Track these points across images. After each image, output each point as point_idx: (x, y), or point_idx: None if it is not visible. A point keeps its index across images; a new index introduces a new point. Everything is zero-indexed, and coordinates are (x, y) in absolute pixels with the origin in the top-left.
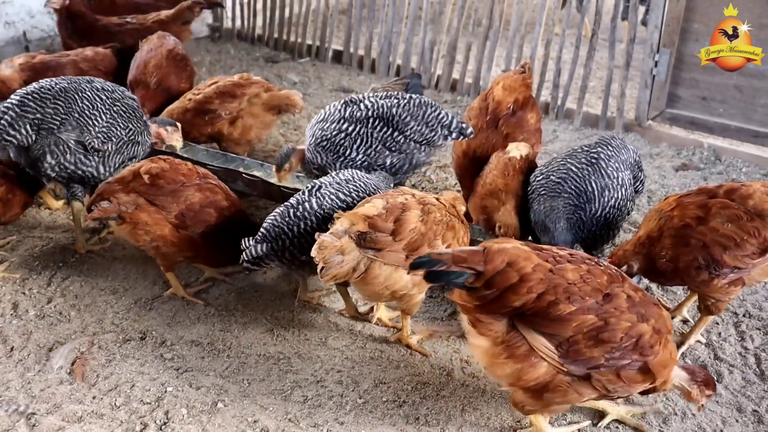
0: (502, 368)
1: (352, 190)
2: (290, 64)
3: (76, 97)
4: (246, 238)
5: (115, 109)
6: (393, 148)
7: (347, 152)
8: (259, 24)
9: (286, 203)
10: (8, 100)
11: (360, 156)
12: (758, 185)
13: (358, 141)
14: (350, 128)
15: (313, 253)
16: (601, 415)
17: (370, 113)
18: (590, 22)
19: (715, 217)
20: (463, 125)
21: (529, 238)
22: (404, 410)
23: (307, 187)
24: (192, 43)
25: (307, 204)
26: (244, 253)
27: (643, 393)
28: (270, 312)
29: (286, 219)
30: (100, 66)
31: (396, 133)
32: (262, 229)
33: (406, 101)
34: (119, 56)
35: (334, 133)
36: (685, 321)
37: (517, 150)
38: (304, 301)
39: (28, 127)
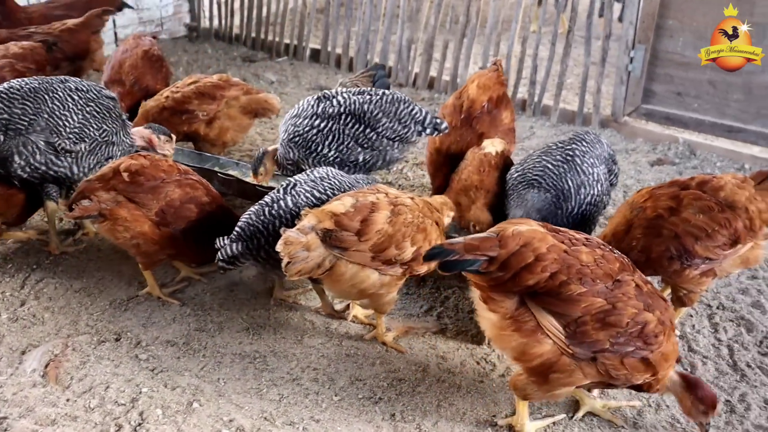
0: (508, 341)
1: (327, 187)
2: (268, 63)
3: (46, 97)
4: (220, 238)
5: (88, 109)
6: (365, 145)
7: (319, 148)
8: (236, 23)
9: (260, 201)
10: None
11: (332, 152)
12: (729, 177)
13: (330, 137)
14: (322, 124)
15: (279, 247)
16: (575, 408)
17: (342, 109)
18: (566, 19)
19: (687, 208)
20: (437, 121)
21: None
22: (380, 407)
23: (281, 185)
24: (169, 42)
25: (282, 202)
26: (219, 253)
27: (638, 389)
28: (246, 311)
29: (261, 217)
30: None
31: (368, 130)
32: (236, 228)
33: (378, 97)
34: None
35: (307, 129)
36: None
37: (492, 146)
38: (280, 300)
39: None
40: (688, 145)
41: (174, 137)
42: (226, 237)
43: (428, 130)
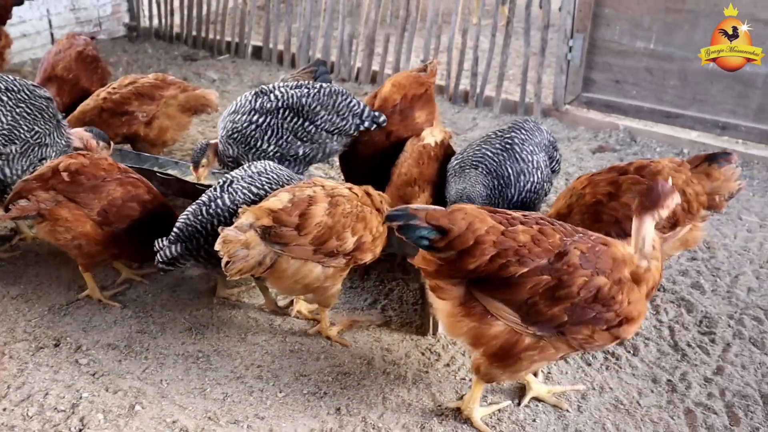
0: (461, 328)
1: (264, 182)
2: (209, 62)
3: None
4: (159, 239)
5: (18, 110)
6: (304, 138)
7: (258, 144)
8: (177, 22)
9: (198, 201)
10: None
11: (271, 147)
12: (666, 161)
13: (269, 132)
14: (260, 119)
15: (217, 247)
16: (521, 395)
17: (280, 104)
18: (506, 10)
19: (626, 192)
20: (376, 114)
21: None
22: (325, 401)
23: (218, 183)
24: (108, 43)
25: (219, 200)
26: (158, 255)
27: None
28: (188, 311)
29: (199, 217)
30: None
31: (306, 123)
32: (175, 229)
33: (316, 90)
34: None
35: (245, 124)
36: None
37: (431, 136)
38: (223, 298)
39: None
40: (628, 132)
41: (112, 144)
42: (165, 238)
43: (366, 123)
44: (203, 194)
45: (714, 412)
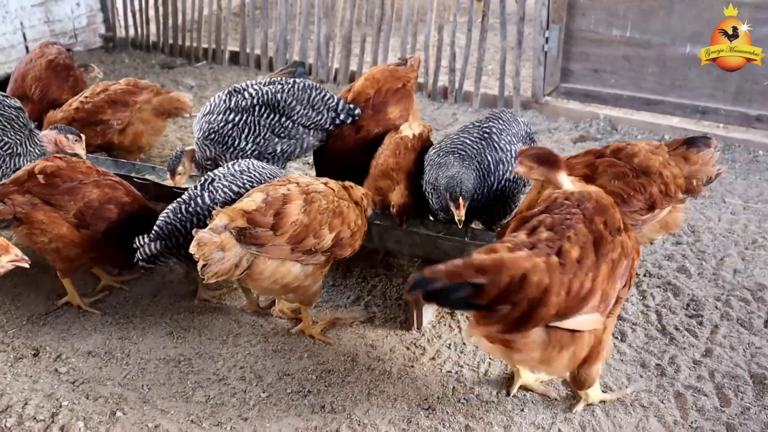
0: (562, 360)
1: (246, 181)
2: (186, 69)
3: None
4: (139, 237)
5: None
6: (282, 134)
7: (236, 142)
8: (153, 31)
9: (178, 199)
10: None
11: (249, 145)
12: (643, 144)
13: (246, 130)
14: (237, 118)
15: (192, 250)
16: (509, 384)
17: (255, 101)
18: (482, 4)
19: (602, 175)
20: (351, 107)
21: (431, 218)
22: (309, 399)
23: (199, 181)
24: (85, 54)
25: (199, 199)
26: (138, 252)
27: None
28: (170, 315)
29: (179, 215)
30: None
31: (283, 119)
32: (155, 227)
33: (290, 86)
34: None
35: (221, 124)
36: None
37: (409, 129)
38: (204, 301)
39: None
40: (609, 121)
41: (83, 137)
42: (145, 236)
43: (342, 116)
44: (184, 193)
45: (704, 394)
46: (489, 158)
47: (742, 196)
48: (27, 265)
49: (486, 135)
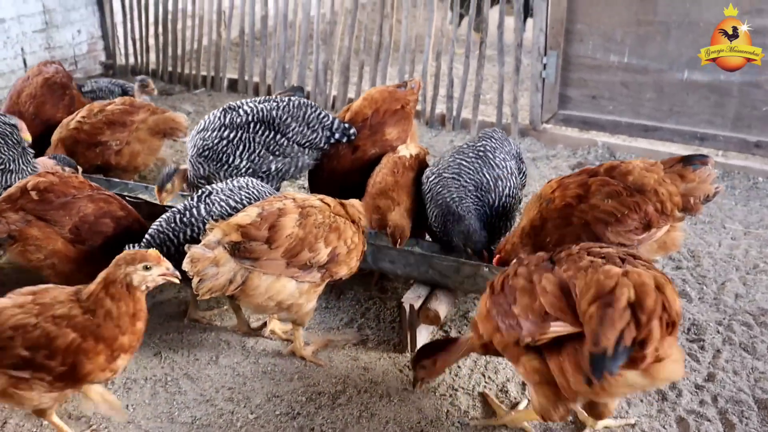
0: None
1: (243, 197)
2: (185, 96)
3: None
4: (129, 245)
5: None
6: (277, 152)
7: (230, 159)
8: (153, 59)
9: (173, 209)
10: None
11: (244, 162)
12: (638, 162)
13: (241, 147)
14: (231, 134)
15: (185, 266)
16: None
17: (250, 118)
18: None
19: (595, 194)
20: (346, 126)
21: (427, 237)
22: (298, 422)
23: (196, 193)
24: (85, 81)
25: (194, 210)
26: None
27: None
28: (158, 335)
29: (172, 225)
30: None
31: (278, 136)
32: (147, 235)
33: (285, 103)
34: None
35: (216, 141)
36: None
37: (406, 149)
38: (194, 321)
39: None
40: (607, 148)
41: (80, 169)
42: (135, 244)
43: (337, 135)
44: (180, 203)
45: (707, 419)
46: (487, 176)
47: (743, 222)
48: (177, 281)
49: (481, 153)
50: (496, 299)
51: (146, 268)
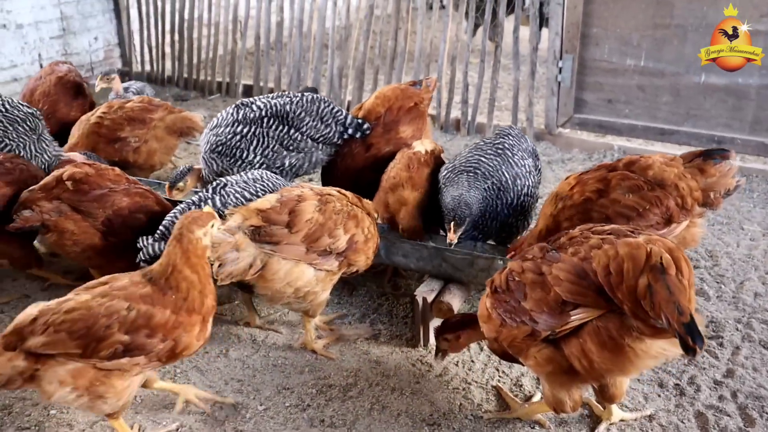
0: None
1: (259, 189)
2: (200, 101)
3: None
4: (144, 237)
5: None
6: (291, 147)
7: (244, 155)
8: (168, 66)
9: (188, 200)
10: None
11: (258, 158)
12: (657, 156)
13: (255, 142)
14: (245, 129)
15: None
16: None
17: (263, 113)
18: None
19: (615, 189)
20: (359, 121)
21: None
22: (308, 413)
23: (211, 185)
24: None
25: (210, 201)
26: (140, 252)
27: None
28: None
29: None
30: None
31: (292, 131)
32: (161, 227)
33: (299, 98)
34: None
35: (229, 136)
36: None
37: (421, 145)
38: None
39: None
40: (623, 152)
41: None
42: (150, 236)
43: (350, 130)
44: (195, 195)
45: (727, 414)
46: (506, 174)
47: (762, 224)
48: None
49: (500, 151)
50: (500, 298)
51: (213, 227)
